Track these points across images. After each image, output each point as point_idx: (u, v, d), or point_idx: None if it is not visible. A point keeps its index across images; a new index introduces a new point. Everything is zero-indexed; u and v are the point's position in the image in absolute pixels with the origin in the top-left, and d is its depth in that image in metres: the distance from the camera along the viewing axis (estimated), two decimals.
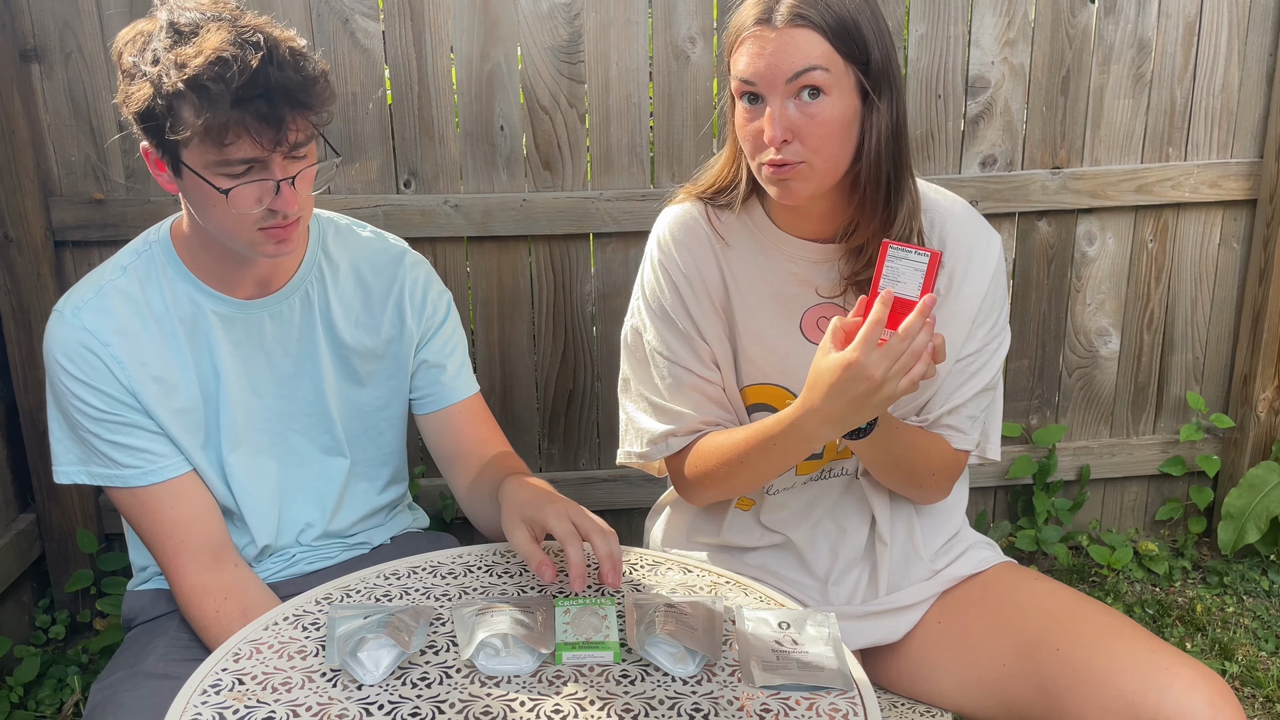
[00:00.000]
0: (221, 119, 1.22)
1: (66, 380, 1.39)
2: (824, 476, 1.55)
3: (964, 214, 1.48)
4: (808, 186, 1.34)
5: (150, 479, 1.42)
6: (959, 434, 1.48)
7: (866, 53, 1.30)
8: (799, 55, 1.27)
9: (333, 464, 1.57)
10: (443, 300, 1.61)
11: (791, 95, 1.29)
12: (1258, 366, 2.68)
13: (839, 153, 1.32)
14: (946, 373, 1.46)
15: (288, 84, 1.25)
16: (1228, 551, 2.68)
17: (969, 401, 1.47)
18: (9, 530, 2.35)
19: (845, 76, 1.29)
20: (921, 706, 1.54)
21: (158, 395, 1.42)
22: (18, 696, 2.24)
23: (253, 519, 1.51)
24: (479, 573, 1.40)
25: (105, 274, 1.43)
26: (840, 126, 1.30)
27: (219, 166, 1.27)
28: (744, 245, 1.48)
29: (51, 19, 2.20)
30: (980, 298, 1.45)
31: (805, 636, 1.23)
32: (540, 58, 2.33)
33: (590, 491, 2.59)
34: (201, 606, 1.42)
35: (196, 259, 1.43)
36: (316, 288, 1.51)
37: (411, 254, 1.60)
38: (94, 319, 1.39)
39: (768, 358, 1.48)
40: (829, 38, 1.27)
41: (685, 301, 1.49)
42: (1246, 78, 2.56)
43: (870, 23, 1.31)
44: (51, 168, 2.28)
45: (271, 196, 1.30)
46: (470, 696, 1.13)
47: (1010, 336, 1.52)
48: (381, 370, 1.57)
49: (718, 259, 1.48)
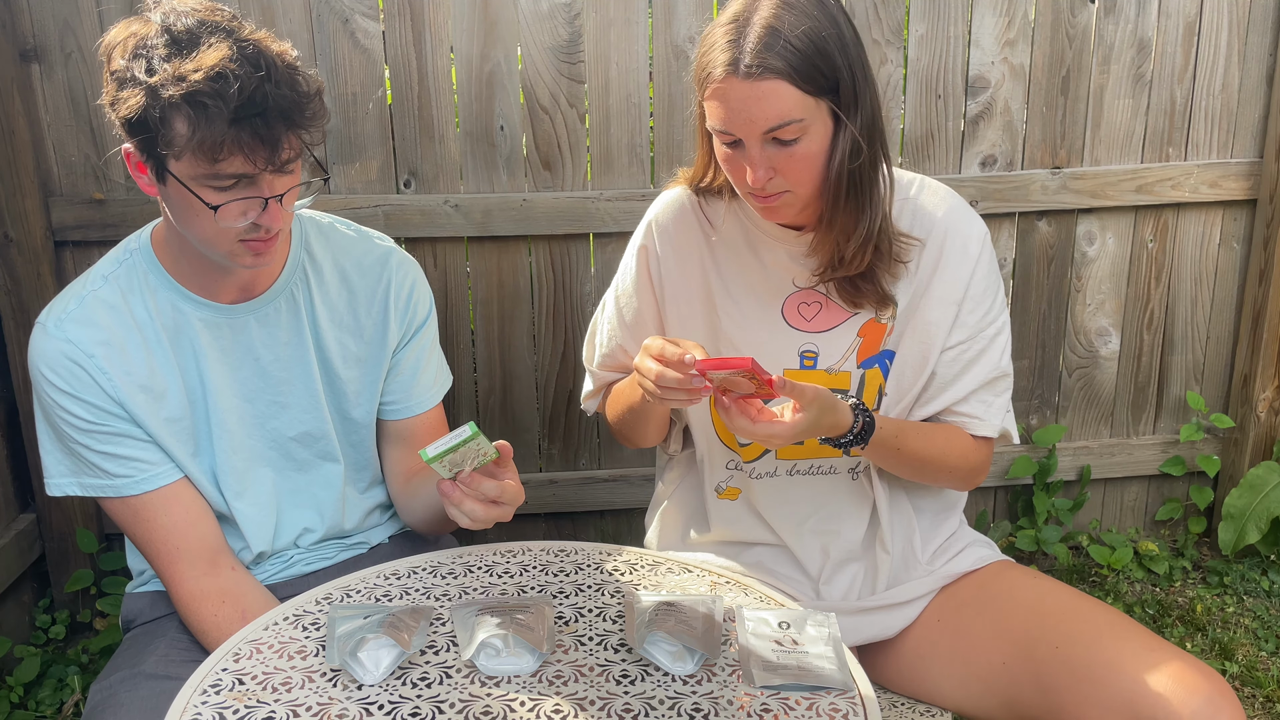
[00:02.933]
0: (217, 136, 1.20)
1: (52, 393, 1.38)
2: (814, 472, 1.55)
3: (944, 201, 1.50)
4: (792, 210, 1.39)
5: (142, 487, 1.42)
6: (976, 420, 1.50)
7: (836, 77, 1.29)
8: (770, 111, 1.27)
9: (330, 469, 1.56)
10: (425, 301, 1.59)
11: (768, 141, 1.31)
12: (1258, 366, 2.68)
13: (820, 177, 1.35)
14: (933, 360, 1.48)
15: (284, 103, 1.23)
16: (1228, 552, 2.68)
17: (979, 389, 1.49)
18: (9, 530, 2.34)
19: (818, 112, 1.30)
20: (921, 706, 1.54)
21: (145, 404, 1.41)
22: (18, 696, 2.24)
23: (248, 526, 1.50)
24: (479, 573, 1.40)
25: (87, 284, 1.41)
26: (819, 158, 1.33)
27: (208, 180, 1.25)
28: (731, 232, 1.51)
29: (51, 19, 2.20)
30: (964, 283, 1.47)
31: (805, 636, 1.22)
32: (540, 58, 2.33)
33: (590, 491, 2.59)
34: (200, 612, 1.42)
35: (178, 265, 1.42)
36: (302, 289, 1.50)
37: (399, 253, 1.58)
38: (77, 330, 1.37)
39: (749, 341, 1.50)
40: (797, 83, 1.26)
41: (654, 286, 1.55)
42: (1246, 78, 2.56)
43: (836, 41, 1.28)
44: (51, 168, 2.28)
45: (258, 212, 1.28)
46: (470, 696, 1.13)
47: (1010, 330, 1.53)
48: (364, 376, 1.55)
49: (704, 244, 1.52)
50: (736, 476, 1.58)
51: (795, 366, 1.50)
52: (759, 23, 1.27)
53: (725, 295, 1.52)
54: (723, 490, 1.59)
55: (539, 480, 2.57)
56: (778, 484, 1.56)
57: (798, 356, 1.50)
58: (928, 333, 1.48)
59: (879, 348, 1.49)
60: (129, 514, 1.43)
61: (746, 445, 1.55)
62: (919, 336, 1.48)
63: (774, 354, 1.49)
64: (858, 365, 1.49)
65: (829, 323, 1.49)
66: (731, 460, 1.58)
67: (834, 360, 1.49)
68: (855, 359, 1.49)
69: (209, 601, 1.42)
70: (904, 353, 1.49)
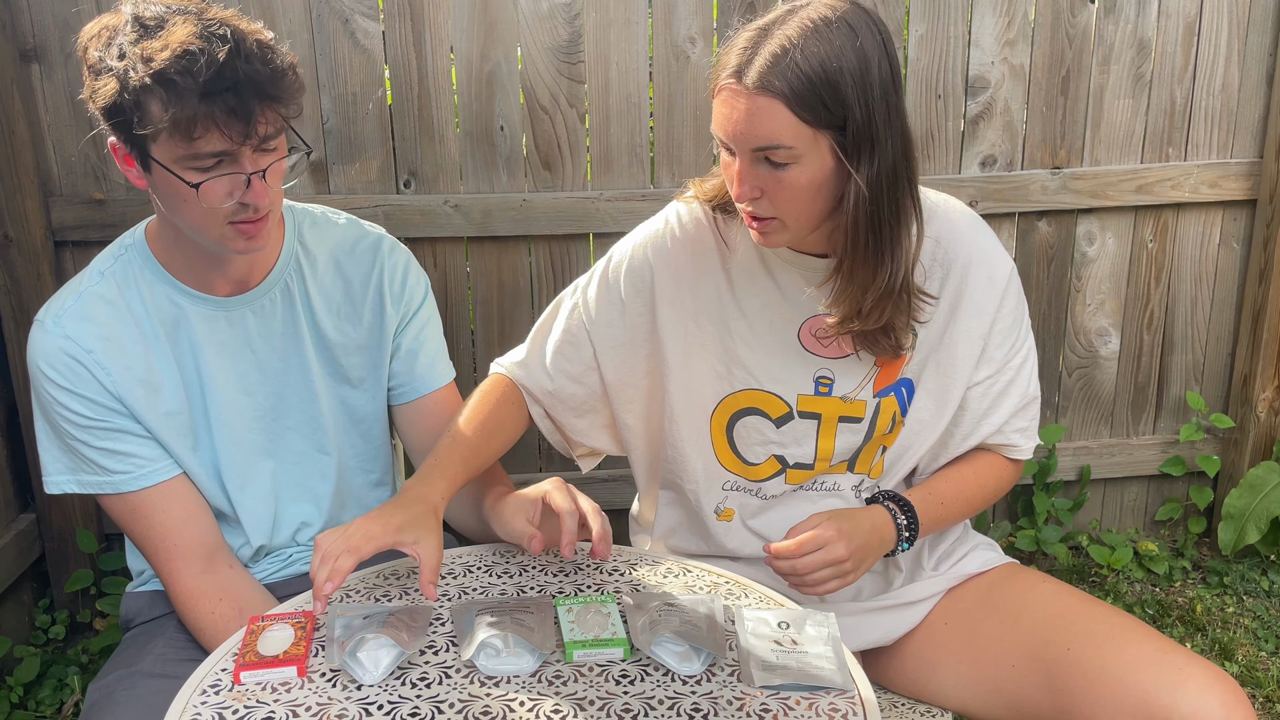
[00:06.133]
0: (189, 112, 1.21)
1: (51, 389, 1.38)
2: (815, 488, 1.53)
3: (974, 232, 1.45)
4: (782, 238, 1.34)
5: (140, 483, 1.42)
6: (1014, 448, 1.52)
7: (843, 115, 1.22)
8: (761, 129, 1.23)
9: (325, 461, 1.56)
10: (420, 284, 1.59)
11: (759, 159, 1.27)
12: (1258, 366, 2.68)
13: (810, 210, 1.29)
14: (957, 394, 1.47)
15: (255, 76, 1.23)
16: (1228, 552, 2.68)
17: (1013, 418, 1.50)
18: (9, 530, 2.35)
19: (815, 144, 1.24)
20: (922, 706, 1.54)
21: (144, 399, 1.41)
22: (18, 696, 2.24)
23: (248, 520, 1.51)
24: (479, 573, 1.40)
25: (84, 281, 1.42)
26: (809, 189, 1.27)
27: (188, 161, 1.25)
28: (748, 252, 1.46)
29: (51, 19, 2.20)
30: (990, 316, 1.44)
31: (805, 636, 1.23)
32: (540, 58, 2.33)
33: (590, 492, 2.54)
34: (197, 610, 1.42)
35: (172, 259, 1.42)
36: (296, 280, 1.50)
37: (389, 239, 1.58)
38: (76, 326, 1.38)
39: (764, 365, 1.47)
40: (794, 108, 1.21)
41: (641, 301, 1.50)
42: (1246, 78, 2.56)
43: (856, 77, 1.21)
44: (51, 168, 2.28)
45: (242, 190, 1.28)
46: (470, 696, 1.13)
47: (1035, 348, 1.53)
48: (368, 362, 1.56)
49: (720, 265, 1.47)
50: (733, 497, 1.55)
51: (810, 392, 1.46)
52: (778, 38, 1.22)
53: (740, 318, 1.47)
54: (720, 512, 1.56)
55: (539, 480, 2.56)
56: (785, 502, 1.54)
57: (813, 382, 1.46)
58: (952, 366, 1.45)
59: (897, 376, 1.46)
60: (127, 511, 1.43)
61: (755, 465, 1.52)
62: (942, 369, 1.46)
63: (789, 379, 1.46)
64: (874, 394, 1.46)
65: (846, 349, 1.45)
66: (729, 482, 1.54)
67: (850, 388, 1.46)
68: (872, 388, 1.46)
69: (206, 599, 1.42)
70: (926, 384, 1.47)
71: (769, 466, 1.51)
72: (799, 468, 1.50)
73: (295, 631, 1.22)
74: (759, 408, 1.48)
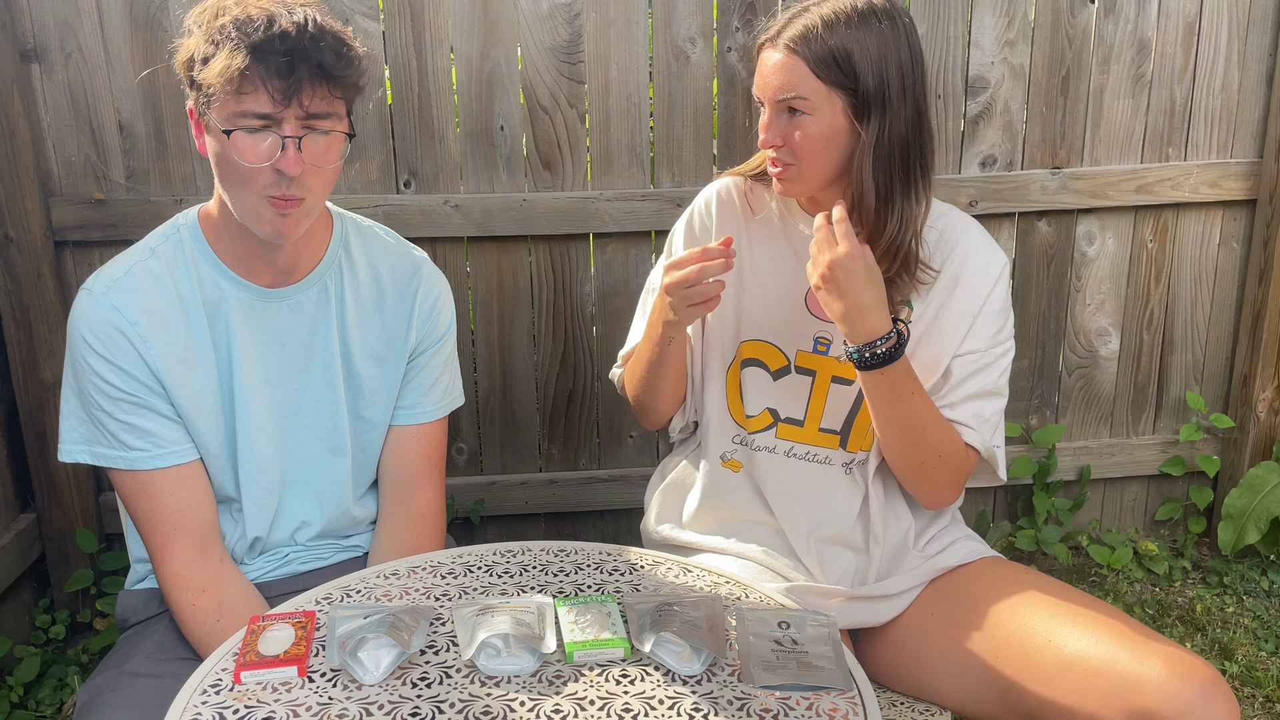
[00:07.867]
0: (239, 64, 1.26)
1: (90, 358, 1.40)
2: (810, 459, 1.60)
3: (975, 231, 1.61)
4: (797, 186, 1.52)
5: (154, 463, 1.43)
6: (965, 428, 1.54)
7: (855, 80, 1.44)
8: (785, 82, 1.45)
9: (336, 464, 1.57)
10: (448, 316, 1.62)
11: (782, 110, 1.47)
12: (1258, 366, 2.68)
13: (822, 162, 1.48)
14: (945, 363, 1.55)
15: (310, 48, 1.29)
16: (1228, 552, 2.68)
17: (972, 398, 1.54)
18: (9, 530, 2.35)
19: (829, 101, 1.45)
20: (921, 705, 1.54)
21: (180, 375, 1.44)
22: (18, 696, 2.24)
23: (250, 507, 1.52)
24: (479, 573, 1.40)
25: (135, 255, 1.45)
26: (821, 141, 1.46)
27: (236, 119, 1.30)
28: (769, 216, 1.64)
29: (51, 19, 2.20)
30: (981, 298, 1.56)
31: (805, 636, 1.23)
32: (540, 58, 2.33)
33: (590, 491, 2.59)
34: (180, 598, 1.44)
35: (220, 242, 1.45)
36: (335, 283, 1.52)
37: (430, 265, 1.62)
38: (123, 298, 1.41)
39: (770, 319, 1.61)
40: (812, 66, 1.44)
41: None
42: (1246, 78, 2.56)
43: (871, 53, 1.43)
44: (51, 168, 2.28)
45: (277, 154, 1.31)
46: (470, 696, 1.14)
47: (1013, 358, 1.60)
48: (382, 374, 1.57)
49: (744, 224, 1.65)
50: (740, 451, 1.64)
51: (809, 350, 1.60)
52: (813, 13, 1.45)
53: (754, 274, 1.63)
54: (727, 459, 1.65)
55: (539, 480, 2.57)
56: (776, 461, 1.61)
57: (811, 341, 1.60)
58: (943, 337, 1.56)
59: None
60: (136, 488, 1.44)
61: (752, 417, 1.61)
62: (934, 342, 1.56)
63: (790, 335, 1.61)
64: None
65: None
66: (737, 435, 1.64)
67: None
68: None
69: (189, 589, 1.44)
70: (918, 356, 1.55)
71: (763, 419, 1.62)
72: (789, 422, 1.61)
73: (296, 631, 1.22)
74: (760, 359, 1.61)
